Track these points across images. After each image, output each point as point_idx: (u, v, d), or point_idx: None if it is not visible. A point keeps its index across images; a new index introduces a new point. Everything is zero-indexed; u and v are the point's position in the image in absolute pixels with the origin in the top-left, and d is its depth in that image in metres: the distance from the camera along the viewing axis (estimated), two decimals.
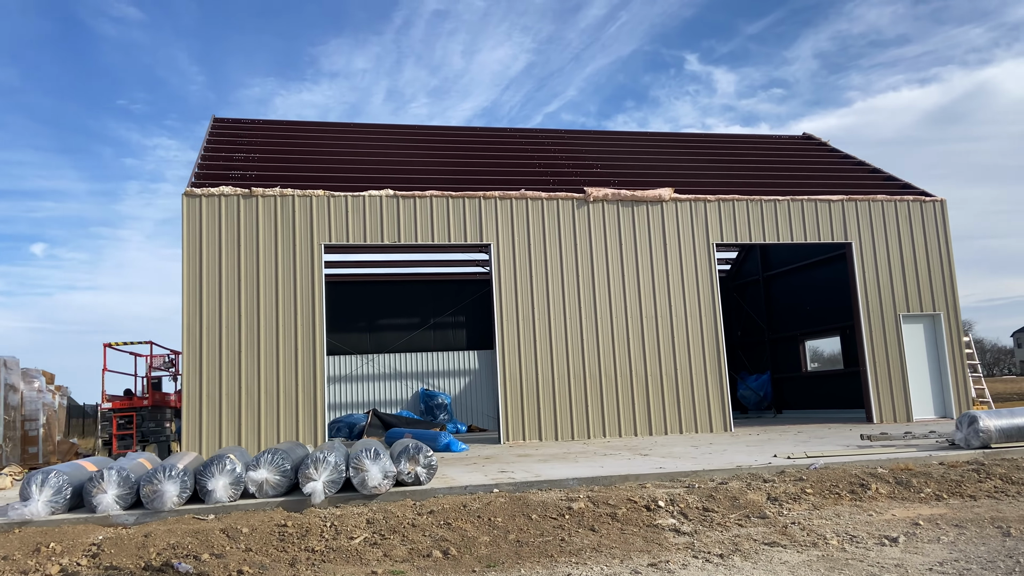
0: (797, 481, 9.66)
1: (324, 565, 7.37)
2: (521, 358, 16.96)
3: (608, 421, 17.22)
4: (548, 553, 7.44)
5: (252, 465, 9.04)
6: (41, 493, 8.34)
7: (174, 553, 7.55)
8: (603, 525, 8.22)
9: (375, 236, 16.53)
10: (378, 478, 8.99)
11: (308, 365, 15.79)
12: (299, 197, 16.27)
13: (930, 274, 20.08)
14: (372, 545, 7.82)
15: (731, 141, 25.28)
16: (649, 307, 17.91)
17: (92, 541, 7.73)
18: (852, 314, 23.94)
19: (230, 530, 8.04)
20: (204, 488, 8.76)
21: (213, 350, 15.38)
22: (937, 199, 20.58)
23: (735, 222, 18.76)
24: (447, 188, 17.28)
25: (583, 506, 8.71)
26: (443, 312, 27.71)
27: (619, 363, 17.50)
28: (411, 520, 8.40)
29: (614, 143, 23.56)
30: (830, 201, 19.60)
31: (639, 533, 8.01)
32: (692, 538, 7.82)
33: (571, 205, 17.81)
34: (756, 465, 10.51)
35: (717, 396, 17.98)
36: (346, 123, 22.98)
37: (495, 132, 23.77)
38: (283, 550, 7.75)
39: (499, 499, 8.96)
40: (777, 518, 8.44)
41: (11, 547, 7.55)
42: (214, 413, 15.20)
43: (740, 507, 8.78)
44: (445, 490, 9.38)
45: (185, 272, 15.51)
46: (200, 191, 15.76)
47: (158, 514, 8.50)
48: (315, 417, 15.66)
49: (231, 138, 19.93)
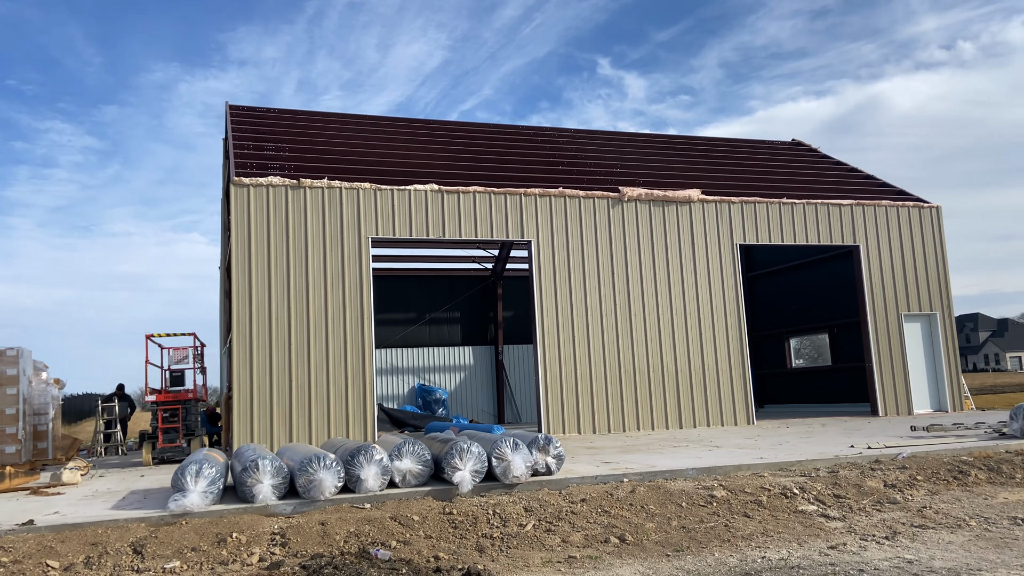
0: (900, 469, 10.25)
1: (511, 551, 7.54)
2: (560, 352, 17.25)
3: (641, 414, 17.67)
4: (723, 538, 7.78)
5: (395, 455, 9.11)
6: (196, 484, 8.25)
7: (359, 541, 7.61)
8: (754, 512, 8.61)
9: (420, 230, 16.57)
10: (521, 468, 9.18)
11: (357, 359, 15.74)
12: (346, 189, 16.17)
13: (927, 276, 21.21)
14: (546, 532, 8.03)
15: (731, 145, 26.07)
16: (679, 304, 18.44)
17: (271, 530, 7.72)
18: (843, 313, 25.16)
19: (401, 518, 8.12)
20: (355, 477, 8.79)
21: (263, 342, 15.19)
22: (933, 205, 21.75)
23: (756, 223, 19.47)
24: (489, 184, 17.43)
25: (724, 494, 9.08)
26: (438, 308, 27.73)
27: (651, 358, 17.97)
28: (567, 508, 8.62)
29: (630, 144, 24.06)
30: (840, 205, 20.50)
31: (793, 519, 8.42)
32: (845, 523, 8.28)
33: (606, 204, 18.18)
34: (850, 454, 11.08)
35: (741, 390, 18.64)
36: (368, 115, 22.81)
37: (525, 129, 24.04)
38: (461, 536, 7.89)
39: (640, 487, 9.26)
40: (907, 503, 8.98)
41: (192, 539, 7.47)
42: (264, 407, 15.02)
43: (867, 493, 9.30)
44: (577, 479, 9.62)
45: (235, 263, 15.26)
46: (248, 180, 15.52)
47: (314, 503, 8.51)
48: (364, 411, 15.62)
49: (254, 127, 19.59)
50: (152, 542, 7.31)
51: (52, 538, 7.40)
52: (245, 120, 20.07)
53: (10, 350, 16.78)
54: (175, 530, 7.65)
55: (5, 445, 16.29)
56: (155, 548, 7.21)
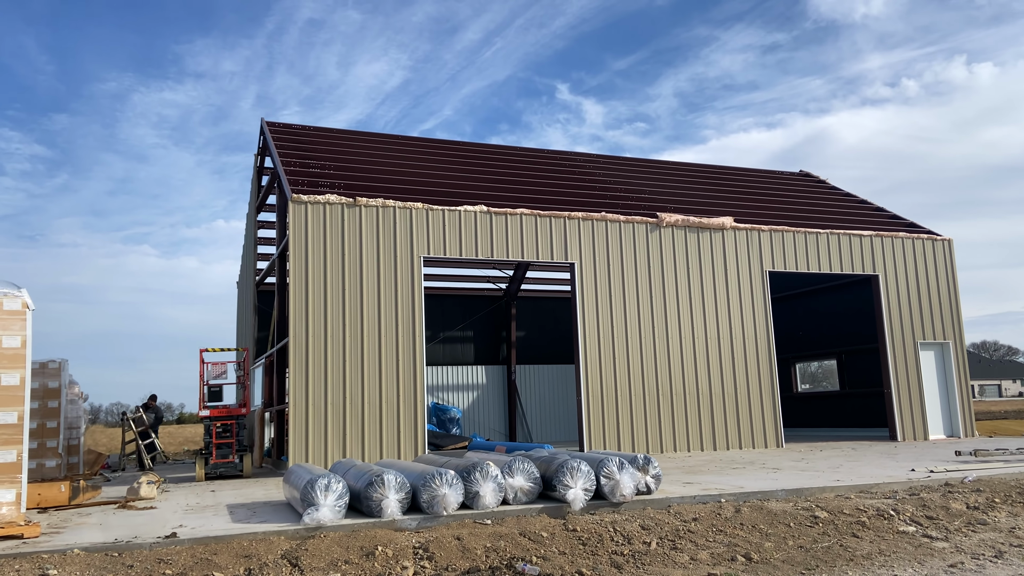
0: (976, 492, 10.70)
1: (647, 567, 7.80)
2: (602, 373, 17.56)
3: (678, 435, 18.03)
4: (845, 558, 8.11)
5: (507, 472, 9.32)
6: (326, 498, 8.39)
7: (499, 556, 7.81)
8: (861, 532, 8.96)
9: (470, 251, 16.82)
10: (629, 487, 9.44)
11: (409, 376, 15.89)
12: (400, 209, 16.38)
13: (940, 305, 21.95)
14: (671, 549, 8.29)
15: (747, 174, 26.74)
16: (712, 327, 18.88)
17: (412, 544, 7.88)
18: (852, 340, 25.85)
19: (530, 534, 8.33)
20: (472, 493, 8.98)
21: (318, 359, 15.28)
22: (946, 238, 22.54)
23: (784, 251, 20.04)
24: (535, 207, 17.76)
25: (825, 515, 9.43)
26: (452, 327, 27.90)
27: (687, 379, 18.36)
28: (681, 527, 8.90)
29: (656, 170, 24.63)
30: (861, 236, 21.18)
31: (900, 539, 8.79)
32: (950, 543, 8.66)
33: (645, 228, 18.61)
34: (919, 477, 11.52)
35: (771, 413, 19.10)
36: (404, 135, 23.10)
37: (562, 154, 24.53)
38: (593, 553, 8.13)
39: (743, 508, 9.57)
40: (996, 524, 9.40)
41: (339, 552, 7.62)
42: (319, 423, 15.09)
43: (955, 515, 9.71)
44: (677, 499, 9.90)
45: (293, 279, 15.37)
46: (307, 198, 15.66)
47: (437, 518, 8.68)
48: (415, 428, 15.76)
49: (295, 145, 19.73)
50: (304, 555, 7.44)
51: (203, 550, 7.50)
52: (285, 137, 20.20)
53: (52, 362, 16.64)
54: (320, 543, 7.78)
55: (47, 459, 16.10)
56: (310, 560, 7.34)
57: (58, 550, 7.54)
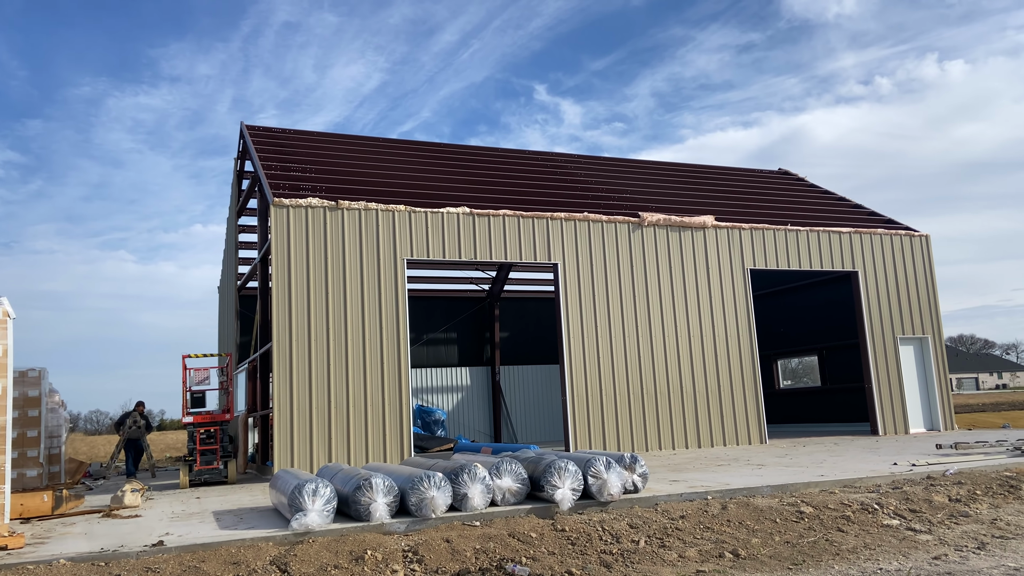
0: (957, 484, 10.84)
1: (637, 566, 7.84)
2: (587, 372, 17.62)
3: (663, 433, 18.11)
4: (831, 552, 8.19)
5: (495, 473, 9.33)
6: (314, 503, 8.37)
7: (488, 558, 7.82)
8: (846, 527, 9.06)
9: (453, 252, 16.81)
10: (617, 486, 9.48)
11: (394, 379, 15.86)
12: (382, 211, 16.35)
13: (919, 301, 22.19)
14: (660, 547, 8.34)
15: (726, 173, 26.91)
16: (695, 326, 18.99)
17: (401, 548, 7.88)
18: (833, 336, 26.09)
19: (518, 535, 8.35)
20: (460, 495, 8.99)
21: (302, 363, 15.22)
22: (923, 234, 22.80)
23: (764, 249, 20.19)
24: (517, 208, 17.79)
25: (811, 511, 9.52)
26: (435, 329, 27.87)
27: (671, 377, 18.45)
28: (669, 524, 8.95)
29: (638, 170, 24.72)
30: (840, 233, 21.38)
31: (884, 533, 8.89)
32: (933, 535, 8.77)
33: (627, 228, 18.69)
34: (902, 471, 11.65)
35: (754, 411, 19.24)
36: (386, 138, 23.02)
37: (545, 155, 24.56)
38: (583, 552, 8.16)
39: (729, 505, 9.64)
40: (978, 516, 9.53)
41: (328, 557, 7.60)
42: (304, 427, 15.03)
43: (938, 507, 9.84)
44: (663, 497, 9.96)
45: (275, 282, 15.29)
46: (288, 201, 15.60)
47: (426, 521, 8.68)
48: (401, 431, 15.73)
49: (276, 148, 19.63)
50: (293, 560, 7.42)
51: (191, 558, 7.45)
52: (265, 141, 20.10)
53: (32, 371, 16.45)
54: (308, 548, 7.76)
55: (28, 469, 15.92)
56: (298, 566, 7.32)
57: (44, 561, 7.47)
